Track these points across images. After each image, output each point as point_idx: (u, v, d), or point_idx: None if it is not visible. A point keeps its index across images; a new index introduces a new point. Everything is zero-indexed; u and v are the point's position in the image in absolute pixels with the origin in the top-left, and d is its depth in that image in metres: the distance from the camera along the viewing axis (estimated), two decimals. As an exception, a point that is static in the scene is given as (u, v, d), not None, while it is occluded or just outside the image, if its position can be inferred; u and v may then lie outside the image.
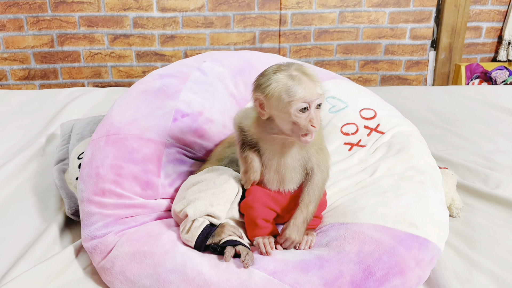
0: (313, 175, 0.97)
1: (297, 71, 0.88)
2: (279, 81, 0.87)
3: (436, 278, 0.97)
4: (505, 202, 1.24)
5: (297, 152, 0.97)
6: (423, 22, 2.91)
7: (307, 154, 0.97)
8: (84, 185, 1.07)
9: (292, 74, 0.87)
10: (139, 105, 1.18)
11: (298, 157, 0.97)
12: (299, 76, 0.87)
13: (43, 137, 1.68)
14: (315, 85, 0.87)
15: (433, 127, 1.80)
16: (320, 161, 0.97)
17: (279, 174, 0.98)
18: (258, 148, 0.99)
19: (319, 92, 0.87)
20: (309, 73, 0.88)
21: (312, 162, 0.97)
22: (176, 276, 0.88)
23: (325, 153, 0.99)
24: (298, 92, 0.86)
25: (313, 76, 0.88)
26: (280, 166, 0.97)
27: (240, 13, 2.81)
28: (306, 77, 0.87)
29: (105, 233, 1.01)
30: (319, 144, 0.98)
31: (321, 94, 0.88)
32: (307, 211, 0.96)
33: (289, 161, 0.97)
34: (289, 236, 0.95)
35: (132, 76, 2.89)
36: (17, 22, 2.72)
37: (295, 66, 0.89)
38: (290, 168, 0.97)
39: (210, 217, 0.99)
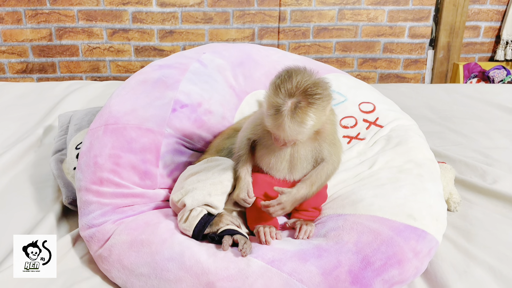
0: (324, 162, 0.99)
1: (293, 107, 0.84)
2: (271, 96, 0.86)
3: (433, 270, 0.98)
4: (502, 196, 1.24)
5: (310, 144, 0.98)
6: (422, 21, 2.91)
7: (319, 146, 0.98)
8: (82, 174, 1.06)
9: (284, 105, 0.84)
10: (138, 95, 1.18)
11: (311, 148, 0.98)
12: (287, 112, 0.84)
13: (40, 129, 1.68)
14: (291, 130, 0.85)
15: (431, 124, 1.81)
16: (332, 154, 0.99)
17: (291, 163, 0.99)
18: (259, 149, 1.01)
19: (289, 138, 0.87)
20: (299, 118, 0.84)
21: (324, 154, 0.99)
22: (174, 265, 0.88)
23: (338, 147, 1.01)
24: (270, 125, 0.88)
25: (299, 123, 0.85)
26: (293, 156, 0.98)
27: (239, 9, 2.80)
28: (291, 120, 0.84)
29: (103, 222, 1.00)
30: (332, 138, 0.99)
31: (291, 140, 0.88)
32: (311, 189, 0.97)
33: (302, 151, 0.98)
34: (283, 202, 0.95)
35: (130, 71, 2.88)
36: (16, 15, 2.70)
37: (303, 99, 0.84)
38: (303, 158, 0.98)
39: (208, 206, 0.99)
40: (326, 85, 0.88)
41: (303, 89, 0.84)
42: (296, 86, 0.84)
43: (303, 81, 0.85)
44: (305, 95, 0.84)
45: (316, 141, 0.97)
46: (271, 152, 0.99)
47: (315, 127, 0.89)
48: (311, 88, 0.85)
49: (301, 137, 0.89)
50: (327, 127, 0.96)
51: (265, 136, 0.99)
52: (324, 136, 0.97)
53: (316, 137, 0.97)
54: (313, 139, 0.97)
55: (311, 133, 0.91)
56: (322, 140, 0.97)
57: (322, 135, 0.97)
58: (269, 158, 0.99)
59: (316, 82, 0.86)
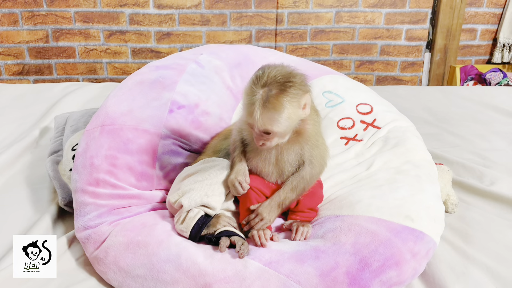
0: (302, 167, 0.98)
1: (265, 95, 0.85)
2: (246, 91, 0.88)
3: (431, 271, 0.97)
4: (499, 198, 1.24)
5: (293, 147, 0.97)
6: (418, 23, 2.92)
7: (301, 149, 0.98)
8: (78, 175, 1.05)
9: (257, 94, 0.86)
10: (135, 96, 1.17)
11: (295, 152, 0.98)
12: (259, 100, 0.85)
13: (36, 130, 1.67)
14: (263, 117, 0.85)
15: (428, 126, 1.81)
16: (313, 157, 0.98)
17: (278, 167, 0.99)
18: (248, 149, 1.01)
19: (262, 127, 0.87)
20: (270, 104, 0.85)
21: (305, 156, 0.98)
22: (171, 266, 0.88)
23: (321, 149, 1.00)
24: (244, 112, 0.88)
25: (270, 110, 0.85)
26: (278, 160, 0.98)
27: (236, 11, 2.80)
28: (263, 107, 0.85)
29: (99, 223, 1.00)
30: (314, 140, 0.98)
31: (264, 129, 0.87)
32: (285, 195, 0.97)
33: (286, 155, 0.97)
34: (260, 212, 0.96)
35: (127, 73, 2.88)
36: (12, 16, 2.70)
37: (274, 87, 0.86)
38: (287, 162, 0.98)
39: (205, 207, 0.98)
40: (300, 76, 0.89)
41: (274, 79, 0.86)
42: (268, 76, 0.86)
43: (275, 73, 0.87)
44: (277, 84, 0.86)
45: (298, 143, 0.97)
46: (258, 155, 0.99)
47: (291, 119, 0.88)
48: (282, 77, 0.86)
49: (277, 127, 0.87)
50: (308, 127, 0.96)
51: (251, 139, 0.99)
52: (306, 138, 0.96)
53: (298, 139, 0.96)
54: (295, 142, 0.96)
55: (288, 127, 0.89)
56: (304, 142, 0.97)
57: (303, 137, 0.96)
58: (257, 162, 1.00)
59: (288, 72, 0.88)
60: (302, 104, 0.89)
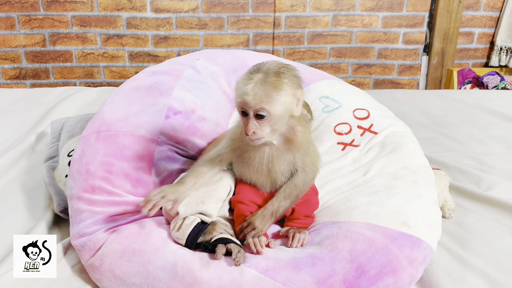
0: (295, 175, 0.98)
1: (264, 75, 0.86)
2: (241, 79, 0.89)
3: (428, 278, 0.97)
4: (497, 203, 1.24)
5: (284, 156, 0.96)
6: (416, 27, 2.92)
7: (293, 157, 0.97)
8: (74, 182, 1.05)
9: (254, 78, 0.86)
10: (131, 102, 1.17)
11: (286, 161, 0.97)
12: (257, 79, 0.86)
13: (33, 135, 1.66)
14: (260, 93, 0.85)
15: (425, 130, 1.81)
16: (306, 164, 0.97)
17: (271, 178, 0.98)
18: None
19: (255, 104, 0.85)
20: (269, 81, 0.85)
21: (297, 164, 0.97)
22: (166, 274, 0.87)
23: (313, 156, 0.99)
24: (237, 94, 0.88)
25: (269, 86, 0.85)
26: (270, 171, 0.97)
27: (234, 15, 2.80)
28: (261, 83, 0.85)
29: (94, 231, 0.99)
30: (306, 148, 0.97)
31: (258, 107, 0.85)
32: (278, 204, 0.96)
33: (277, 165, 0.97)
34: (252, 221, 0.95)
35: (124, 77, 2.87)
36: (9, 20, 2.69)
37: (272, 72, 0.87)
38: (279, 172, 0.97)
39: (202, 215, 0.98)
40: (295, 72, 0.91)
41: (271, 67, 0.88)
42: (265, 65, 0.88)
43: (272, 64, 0.89)
44: (274, 69, 0.87)
45: (290, 151, 0.96)
46: (249, 167, 0.99)
47: (286, 105, 0.87)
48: (278, 67, 0.88)
49: (272, 107, 0.85)
50: (298, 135, 0.95)
51: (242, 151, 0.98)
52: (297, 146, 0.95)
53: (289, 148, 0.95)
54: (286, 150, 0.96)
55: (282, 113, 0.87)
56: (295, 150, 0.96)
57: (294, 144, 0.95)
58: (249, 174, 1.00)
59: (284, 65, 0.90)
60: (297, 96, 0.89)
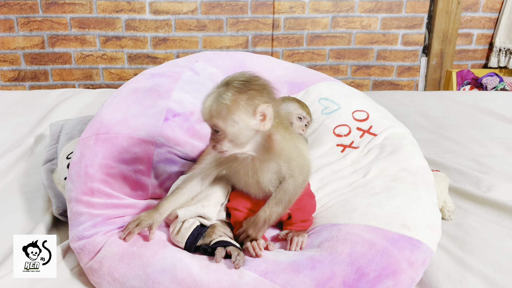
0: (284, 181, 0.95)
1: (221, 91, 0.86)
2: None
3: (428, 280, 0.97)
4: (496, 205, 1.24)
5: (268, 166, 0.95)
6: (415, 28, 2.93)
7: (277, 165, 0.95)
8: (73, 185, 1.05)
9: (214, 91, 0.87)
10: (130, 104, 1.17)
11: (271, 170, 0.95)
12: (213, 94, 0.86)
13: (31, 138, 1.66)
14: (211, 109, 0.85)
15: (424, 131, 1.81)
16: (292, 169, 0.95)
17: (260, 187, 0.97)
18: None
19: (206, 118, 0.86)
20: (221, 98, 0.85)
21: (283, 171, 0.95)
22: (166, 277, 0.87)
23: (298, 160, 0.96)
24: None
25: (220, 104, 0.85)
26: (258, 182, 0.96)
27: (233, 17, 2.80)
28: (214, 99, 0.85)
29: (93, 234, 0.99)
30: (287, 154, 0.94)
31: (210, 122, 0.86)
32: (270, 210, 0.94)
33: (262, 176, 0.95)
34: (246, 229, 0.95)
35: (123, 79, 2.87)
36: (8, 22, 2.69)
37: (232, 87, 0.86)
38: (266, 181, 0.96)
39: (201, 218, 0.97)
40: (266, 87, 0.89)
41: (235, 79, 0.87)
42: (232, 77, 0.88)
43: (240, 76, 0.88)
44: (236, 83, 0.87)
45: (273, 161, 0.94)
46: (238, 179, 0.99)
47: (240, 123, 0.86)
48: (245, 80, 0.87)
49: (223, 124, 0.85)
50: (276, 143, 0.92)
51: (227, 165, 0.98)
52: (277, 153, 0.93)
53: (271, 157, 0.93)
54: (269, 160, 0.94)
55: (237, 132, 0.86)
56: (277, 157, 0.94)
57: (274, 151, 0.93)
58: (239, 185, 1.00)
59: (254, 79, 0.88)
60: (258, 113, 0.87)
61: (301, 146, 1.00)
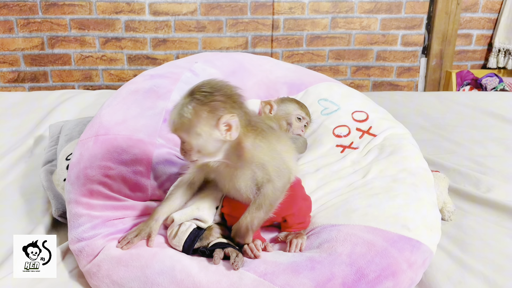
0: (262, 186, 0.92)
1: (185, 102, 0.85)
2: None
3: (428, 280, 0.97)
4: (496, 205, 1.24)
5: (242, 173, 0.92)
6: (414, 29, 2.93)
7: (252, 172, 0.92)
8: (72, 186, 1.04)
9: (181, 99, 0.86)
10: (129, 105, 1.17)
11: (247, 177, 0.93)
12: (178, 105, 0.86)
13: (31, 139, 1.66)
14: (175, 122, 0.85)
15: (424, 132, 1.81)
16: (269, 173, 0.91)
17: (241, 195, 0.95)
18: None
19: (171, 130, 0.86)
20: (183, 111, 0.84)
21: (259, 177, 0.92)
22: (165, 278, 0.86)
23: (273, 163, 0.92)
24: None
25: (181, 117, 0.84)
26: (237, 189, 0.94)
27: (232, 18, 2.81)
28: (177, 111, 0.85)
29: (93, 235, 0.98)
30: (258, 160, 0.91)
31: (175, 134, 0.86)
32: (251, 216, 0.91)
33: (239, 183, 0.93)
34: (234, 236, 0.94)
35: (123, 80, 2.87)
36: (7, 24, 2.69)
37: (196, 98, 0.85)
38: (245, 188, 0.94)
39: (197, 220, 0.97)
40: (221, 86, 0.87)
41: (199, 89, 0.86)
42: (196, 87, 0.87)
43: (206, 84, 0.86)
44: (199, 94, 0.85)
45: (247, 168, 0.92)
46: (222, 185, 0.98)
47: (202, 134, 0.85)
48: (199, 88, 0.86)
49: (187, 136, 0.85)
50: (246, 150, 0.90)
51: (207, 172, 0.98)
52: (248, 160, 0.91)
53: (243, 165, 0.91)
54: (243, 167, 0.92)
55: (202, 143, 0.86)
56: (249, 164, 0.91)
57: (245, 159, 0.91)
58: (224, 191, 0.99)
59: (209, 83, 0.87)
60: (221, 124, 0.85)
61: (283, 148, 0.97)
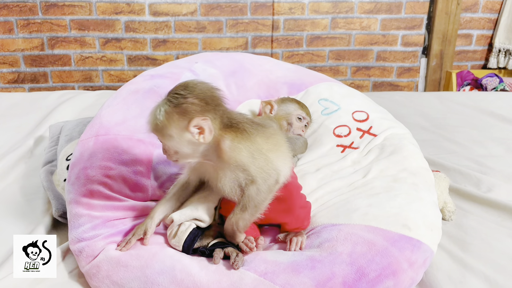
0: (246, 188, 0.91)
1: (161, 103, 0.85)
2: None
3: (429, 280, 0.96)
4: (497, 205, 1.23)
5: (225, 174, 0.91)
6: (414, 29, 2.93)
7: (233, 174, 0.91)
8: (72, 186, 1.04)
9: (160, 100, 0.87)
10: (130, 105, 1.17)
11: (230, 178, 0.92)
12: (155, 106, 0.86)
13: (31, 139, 1.66)
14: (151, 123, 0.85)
15: (425, 132, 1.81)
16: (252, 175, 0.90)
17: (227, 196, 0.94)
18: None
19: (151, 131, 0.86)
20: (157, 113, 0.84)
21: (240, 180, 0.91)
22: (165, 278, 0.86)
23: (256, 164, 0.90)
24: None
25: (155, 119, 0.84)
26: (223, 190, 0.93)
27: (232, 18, 2.81)
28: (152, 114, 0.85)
29: (93, 236, 0.98)
30: (237, 161, 0.89)
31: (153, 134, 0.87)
32: (236, 218, 0.91)
33: (224, 183, 0.92)
34: (226, 236, 0.95)
35: (123, 80, 2.87)
36: (7, 24, 2.69)
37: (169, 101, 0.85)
38: (229, 189, 0.93)
39: (197, 220, 0.97)
40: (196, 88, 0.86)
41: (175, 91, 0.86)
42: (174, 88, 0.87)
43: (174, 91, 0.86)
44: (172, 96, 0.85)
45: (228, 169, 0.91)
46: (213, 186, 0.97)
47: (175, 137, 0.85)
48: (174, 89, 0.86)
49: (162, 138, 0.86)
50: (225, 151, 0.89)
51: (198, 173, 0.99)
52: (227, 161, 0.90)
53: (224, 165, 0.90)
54: (225, 168, 0.91)
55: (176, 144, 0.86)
56: (229, 166, 0.90)
57: (224, 162, 0.90)
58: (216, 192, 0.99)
59: (185, 85, 0.87)
60: (191, 126, 0.84)
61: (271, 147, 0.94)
